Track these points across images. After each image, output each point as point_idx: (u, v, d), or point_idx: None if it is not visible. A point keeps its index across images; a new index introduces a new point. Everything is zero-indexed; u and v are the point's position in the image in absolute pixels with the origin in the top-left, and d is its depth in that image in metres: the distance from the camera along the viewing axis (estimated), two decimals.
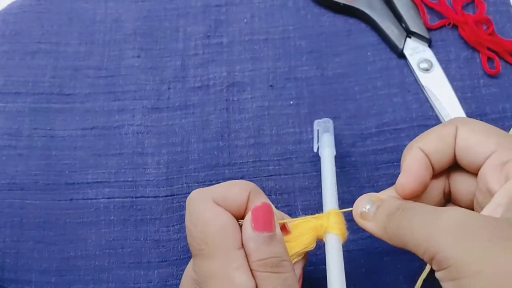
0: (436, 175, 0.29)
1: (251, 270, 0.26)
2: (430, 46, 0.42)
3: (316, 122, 0.36)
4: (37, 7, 0.45)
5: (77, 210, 0.38)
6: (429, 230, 0.24)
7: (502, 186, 0.25)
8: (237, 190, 0.29)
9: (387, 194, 0.29)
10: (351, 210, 0.29)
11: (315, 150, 0.37)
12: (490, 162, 0.26)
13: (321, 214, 0.30)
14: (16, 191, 0.38)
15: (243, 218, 0.28)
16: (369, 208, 0.28)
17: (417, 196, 0.28)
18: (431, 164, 0.28)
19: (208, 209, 0.27)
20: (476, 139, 0.27)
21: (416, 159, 0.28)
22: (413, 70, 0.40)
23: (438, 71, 0.40)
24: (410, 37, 0.42)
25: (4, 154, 0.40)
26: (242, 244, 0.27)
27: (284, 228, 0.29)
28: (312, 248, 0.29)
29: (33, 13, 0.45)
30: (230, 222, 0.27)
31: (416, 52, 0.41)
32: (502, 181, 0.26)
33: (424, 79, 0.40)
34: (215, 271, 0.26)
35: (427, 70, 0.40)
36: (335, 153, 0.34)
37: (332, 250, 0.29)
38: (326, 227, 0.29)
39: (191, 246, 0.28)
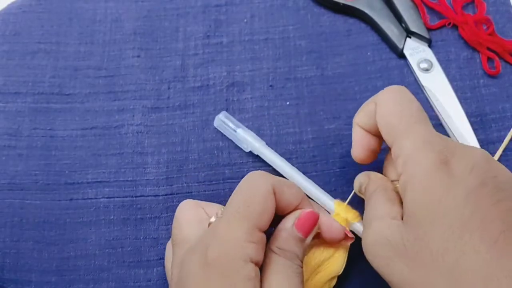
0: None
1: (267, 250, 0.29)
2: (430, 46, 0.42)
3: (216, 120, 0.38)
4: (37, 7, 0.45)
5: (77, 210, 0.38)
6: None
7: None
8: (295, 192, 0.31)
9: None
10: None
11: (247, 150, 0.38)
12: (390, 153, 0.31)
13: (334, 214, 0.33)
14: (16, 191, 0.38)
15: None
16: (361, 185, 0.33)
17: (370, 158, 0.34)
18: (371, 134, 0.33)
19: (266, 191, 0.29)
20: (385, 124, 0.31)
21: (356, 132, 0.33)
22: (413, 70, 0.40)
23: (438, 71, 0.40)
24: (410, 37, 0.42)
25: (4, 154, 0.40)
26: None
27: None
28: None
29: (33, 13, 0.45)
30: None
31: (416, 52, 0.41)
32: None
33: (424, 79, 0.40)
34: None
35: (427, 70, 0.40)
36: (263, 142, 0.37)
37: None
38: (348, 220, 0.33)
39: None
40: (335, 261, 0.33)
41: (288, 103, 0.40)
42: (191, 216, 0.31)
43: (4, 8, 0.46)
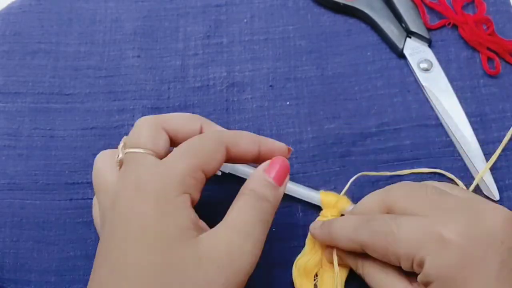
0: None
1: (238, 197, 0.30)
2: (430, 46, 0.42)
3: None
4: (37, 7, 0.45)
5: (77, 210, 0.38)
6: None
7: None
8: (248, 142, 0.31)
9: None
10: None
11: (219, 173, 0.37)
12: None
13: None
14: (16, 191, 0.38)
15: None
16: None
17: None
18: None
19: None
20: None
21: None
22: (413, 70, 0.40)
23: (438, 71, 0.40)
24: (410, 37, 0.42)
25: (4, 154, 0.40)
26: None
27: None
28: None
29: (33, 13, 0.45)
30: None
31: (416, 52, 0.41)
32: None
33: (424, 79, 0.40)
34: None
35: (427, 70, 0.40)
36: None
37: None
38: (339, 207, 0.34)
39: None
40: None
41: (288, 103, 0.40)
42: (109, 162, 0.31)
43: (4, 8, 0.46)
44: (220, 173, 0.36)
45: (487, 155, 0.37)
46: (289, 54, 0.42)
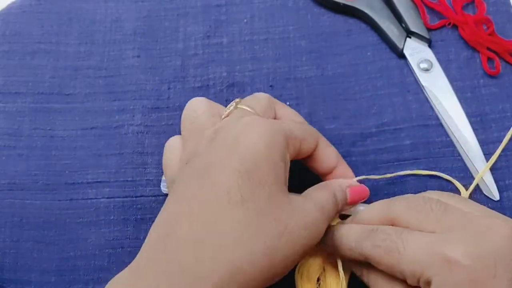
0: None
1: None
2: (430, 46, 0.42)
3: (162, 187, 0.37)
4: (37, 7, 0.45)
5: (77, 210, 0.38)
6: None
7: None
8: (312, 137, 0.32)
9: None
10: None
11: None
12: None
13: None
14: (16, 191, 0.38)
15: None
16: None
17: None
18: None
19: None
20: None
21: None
22: (413, 70, 0.40)
23: (438, 71, 0.40)
24: (410, 37, 0.42)
25: (4, 154, 0.40)
26: None
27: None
28: None
29: (33, 13, 0.45)
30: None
31: (416, 52, 0.41)
32: None
33: (424, 79, 0.40)
34: None
35: (427, 70, 0.40)
36: None
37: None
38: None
39: None
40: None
41: (288, 103, 0.40)
42: (206, 109, 0.32)
43: (4, 8, 0.46)
44: None
45: (487, 155, 0.37)
46: (289, 54, 0.42)
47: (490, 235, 0.27)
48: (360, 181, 0.34)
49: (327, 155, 0.33)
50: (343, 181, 0.33)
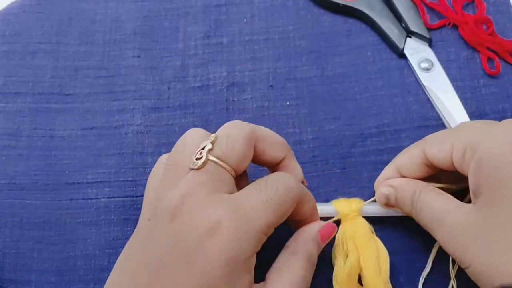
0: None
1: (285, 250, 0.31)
2: (430, 46, 0.41)
3: None
4: (37, 7, 0.45)
5: (77, 210, 0.38)
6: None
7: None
8: (279, 147, 0.32)
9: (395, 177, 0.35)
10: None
11: None
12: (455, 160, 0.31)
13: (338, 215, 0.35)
14: (16, 191, 0.38)
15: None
16: (389, 195, 0.34)
17: None
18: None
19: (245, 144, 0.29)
20: (438, 154, 0.32)
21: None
22: (414, 70, 0.40)
23: (439, 70, 0.40)
24: (410, 37, 0.42)
25: (4, 154, 0.40)
26: None
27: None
28: None
29: (33, 13, 0.45)
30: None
31: (417, 52, 0.41)
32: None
33: (425, 79, 0.40)
34: None
35: (427, 69, 0.40)
36: None
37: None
38: (356, 210, 0.35)
39: None
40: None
41: (288, 103, 0.40)
42: (194, 145, 0.29)
43: (4, 8, 0.46)
44: None
45: None
46: (289, 54, 0.42)
47: None
48: (359, 182, 0.34)
49: (305, 210, 0.31)
50: (311, 230, 0.32)
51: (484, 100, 0.39)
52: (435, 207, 0.31)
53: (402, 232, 0.36)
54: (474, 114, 0.39)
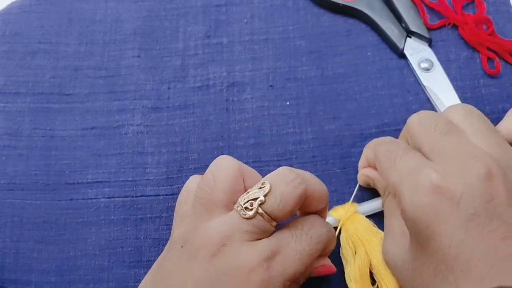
0: None
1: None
2: (430, 45, 0.41)
3: None
4: (37, 7, 0.45)
5: (77, 210, 0.38)
6: None
7: None
8: (323, 200, 0.32)
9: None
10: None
11: None
12: None
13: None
14: (16, 191, 0.38)
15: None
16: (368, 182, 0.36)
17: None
18: None
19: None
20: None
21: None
22: (414, 69, 0.40)
23: (439, 70, 0.40)
24: (410, 37, 0.42)
25: (4, 154, 0.40)
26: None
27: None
28: None
29: (33, 13, 0.45)
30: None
31: (417, 52, 0.41)
32: None
33: (425, 78, 0.40)
34: None
35: (427, 69, 0.40)
36: None
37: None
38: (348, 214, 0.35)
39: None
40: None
41: (288, 103, 0.40)
42: (229, 184, 0.30)
43: (4, 8, 0.46)
44: None
45: None
46: (289, 54, 0.42)
47: (469, 169, 0.27)
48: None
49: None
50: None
51: (484, 100, 0.39)
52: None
53: None
54: None
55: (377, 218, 0.35)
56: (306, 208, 0.31)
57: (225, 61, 0.42)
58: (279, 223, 0.29)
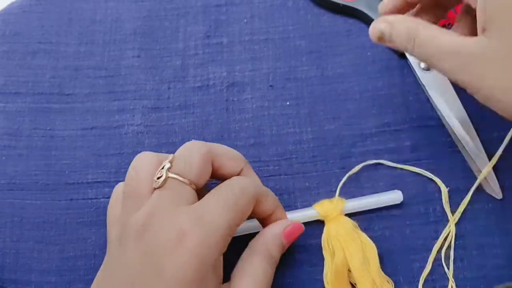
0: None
1: (248, 249, 0.32)
2: None
3: None
4: (37, 7, 0.45)
5: (77, 210, 0.38)
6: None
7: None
8: (235, 161, 0.33)
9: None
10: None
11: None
12: None
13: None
14: (16, 191, 0.38)
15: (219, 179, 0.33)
16: (384, 30, 0.34)
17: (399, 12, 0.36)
18: None
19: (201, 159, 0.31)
20: None
21: None
22: (414, 69, 0.40)
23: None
24: None
25: (4, 154, 0.40)
26: None
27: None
28: None
29: (33, 13, 0.45)
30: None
31: None
32: None
33: (425, 78, 0.40)
34: None
35: (428, 69, 0.40)
36: None
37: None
38: (340, 210, 0.35)
39: None
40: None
41: (288, 103, 0.40)
42: (151, 172, 0.31)
43: (4, 8, 0.46)
44: None
45: (489, 155, 0.37)
46: (289, 54, 0.42)
47: None
48: None
49: (265, 207, 0.32)
50: (273, 230, 0.33)
51: None
52: (443, 41, 0.31)
53: (401, 232, 0.36)
54: (475, 114, 0.39)
55: (378, 224, 0.36)
56: (222, 170, 0.32)
57: (225, 61, 0.42)
58: (201, 186, 0.31)
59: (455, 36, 0.30)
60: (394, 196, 0.36)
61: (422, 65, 0.40)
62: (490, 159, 0.37)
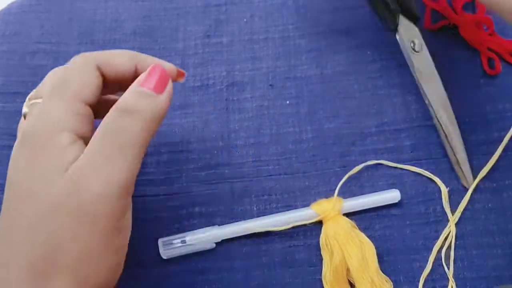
0: None
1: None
2: (417, 26, 0.39)
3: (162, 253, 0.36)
4: (37, 7, 0.45)
5: None
6: None
7: None
8: (124, 59, 0.31)
9: None
10: None
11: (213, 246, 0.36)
12: None
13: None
14: None
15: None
16: None
17: None
18: None
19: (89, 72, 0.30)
20: None
21: None
22: (404, 50, 0.39)
23: (426, 53, 0.39)
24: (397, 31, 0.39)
25: (4, 154, 0.40)
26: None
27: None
28: None
29: (33, 13, 0.45)
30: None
31: (409, 30, 0.39)
32: None
33: (414, 59, 0.38)
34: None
35: (417, 51, 0.38)
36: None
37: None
38: (337, 210, 0.35)
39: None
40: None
41: (288, 102, 0.40)
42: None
43: (4, 8, 0.46)
44: (214, 245, 0.36)
45: (488, 155, 0.37)
46: (288, 53, 0.42)
47: None
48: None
49: (118, 65, 0.31)
50: (132, 86, 0.29)
51: (484, 100, 0.39)
52: None
53: (401, 232, 0.36)
54: (474, 114, 0.39)
55: (378, 224, 0.36)
56: (115, 71, 0.31)
57: (225, 60, 0.42)
58: (90, 99, 0.30)
59: None
60: (392, 195, 0.36)
61: (413, 45, 0.39)
62: (488, 159, 0.37)
